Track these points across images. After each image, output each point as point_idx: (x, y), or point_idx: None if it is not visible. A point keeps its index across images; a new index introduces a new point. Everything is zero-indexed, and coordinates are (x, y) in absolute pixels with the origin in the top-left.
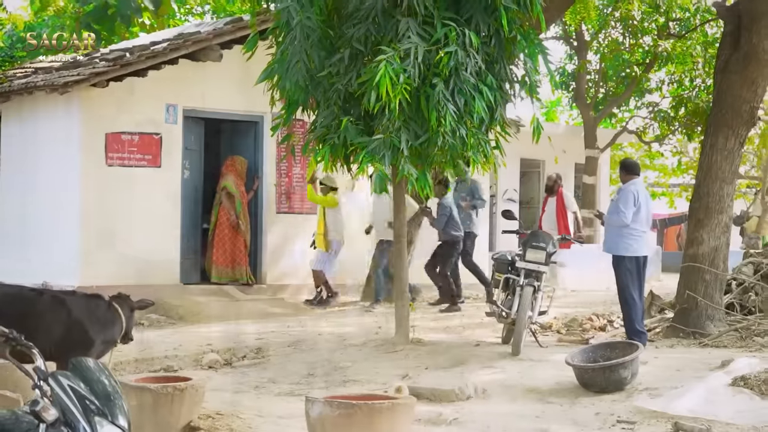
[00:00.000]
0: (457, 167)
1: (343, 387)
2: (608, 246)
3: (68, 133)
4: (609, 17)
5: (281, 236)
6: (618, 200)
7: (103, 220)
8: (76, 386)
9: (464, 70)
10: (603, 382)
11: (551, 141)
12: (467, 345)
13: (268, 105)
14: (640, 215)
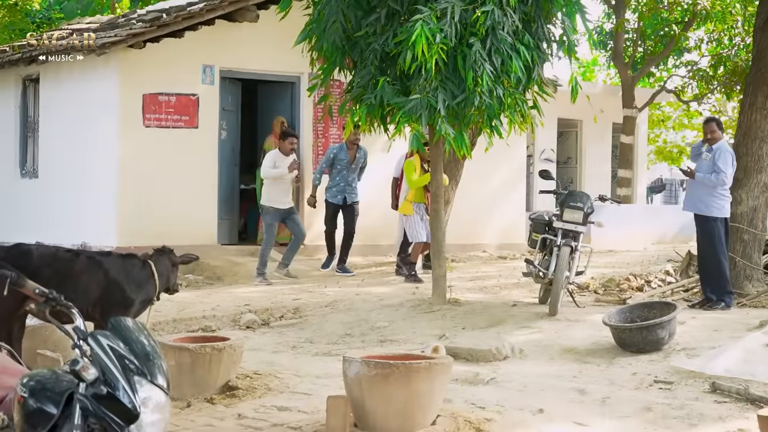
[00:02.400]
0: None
1: (380, 347)
2: (697, 206)
3: (106, 95)
4: None
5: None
6: (717, 159)
7: (140, 182)
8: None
9: (501, 29)
10: (640, 342)
11: (589, 100)
12: (504, 305)
13: (304, 65)
14: (732, 176)
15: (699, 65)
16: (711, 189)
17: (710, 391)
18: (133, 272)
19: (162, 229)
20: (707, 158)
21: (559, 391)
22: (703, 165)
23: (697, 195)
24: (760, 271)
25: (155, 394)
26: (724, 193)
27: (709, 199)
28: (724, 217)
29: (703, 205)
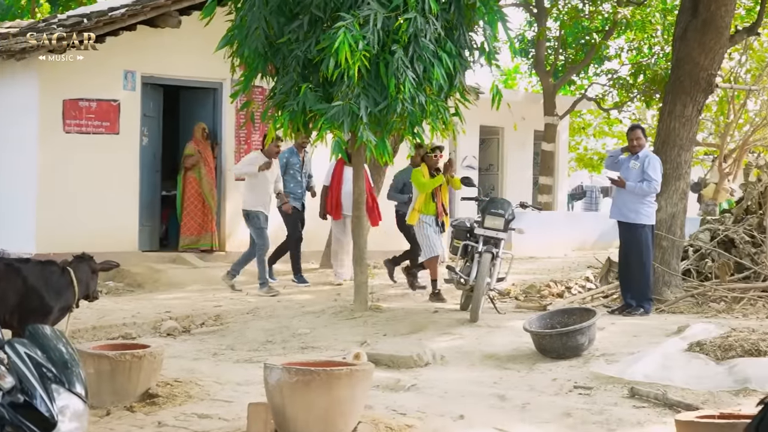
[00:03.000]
0: (416, 134)
1: (301, 353)
2: (625, 214)
3: (25, 100)
4: None
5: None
6: (647, 167)
7: (61, 188)
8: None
9: (423, 36)
10: (560, 348)
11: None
12: (426, 312)
13: (227, 71)
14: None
15: (619, 74)
16: (640, 197)
17: (629, 396)
18: (52, 279)
19: (82, 235)
20: (635, 167)
21: (479, 397)
22: (631, 173)
23: (625, 203)
24: (678, 277)
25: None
26: (652, 201)
27: (638, 207)
28: (651, 225)
29: (631, 213)
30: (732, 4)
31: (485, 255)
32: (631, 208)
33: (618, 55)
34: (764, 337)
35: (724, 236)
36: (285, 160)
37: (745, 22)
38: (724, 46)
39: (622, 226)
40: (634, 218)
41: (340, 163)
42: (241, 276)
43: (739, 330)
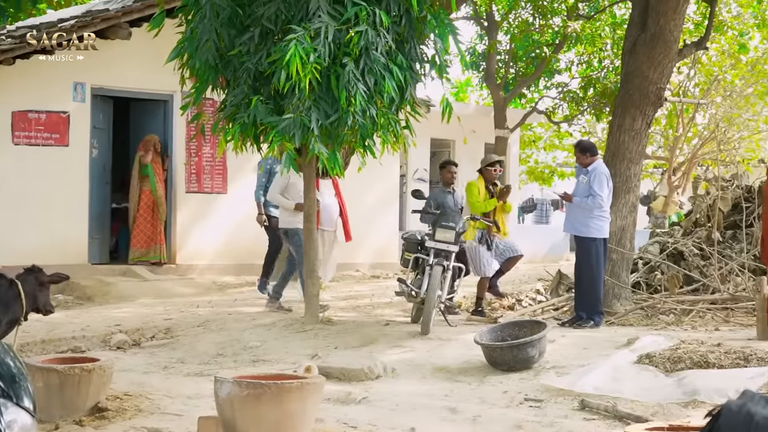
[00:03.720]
0: (367, 147)
1: (252, 367)
2: (576, 227)
3: None
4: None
5: (191, 216)
6: (592, 182)
7: (10, 200)
8: None
9: (374, 49)
10: (511, 360)
11: (461, 121)
12: (377, 324)
13: (177, 84)
14: (610, 196)
15: (569, 87)
16: (588, 211)
17: (579, 408)
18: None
19: (31, 247)
20: (584, 181)
21: (430, 409)
22: (579, 188)
23: (576, 217)
24: (628, 289)
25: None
26: (603, 214)
27: (587, 221)
28: (603, 238)
29: (581, 226)
30: (680, 18)
31: (436, 268)
32: (580, 221)
33: (568, 68)
34: (713, 350)
35: (674, 249)
36: (269, 167)
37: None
38: (672, 60)
39: (575, 239)
40: (584, 232)
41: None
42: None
43: (688, 342)
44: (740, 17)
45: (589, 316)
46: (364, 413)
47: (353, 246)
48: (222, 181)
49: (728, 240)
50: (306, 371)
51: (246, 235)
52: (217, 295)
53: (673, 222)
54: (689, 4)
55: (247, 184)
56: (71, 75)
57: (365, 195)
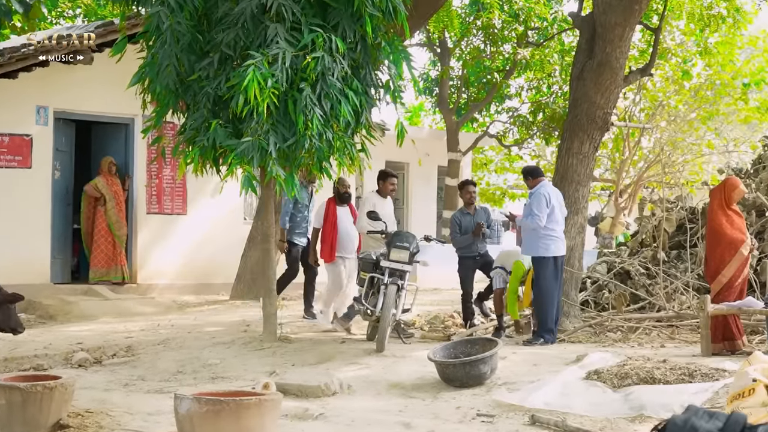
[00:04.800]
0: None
1: (211, 384)
2: (527, 248)
3: None
4: (471, 25)
5: (151, 237)
6: (531, 204)
7: None
8: None
9: (331, 75)
10: (463, 377)
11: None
12: (333, 342)
13: (138, 107)
14: (555, 216)
15: (519, 111)
16: (535, 231)
17: (530, 423)
18: None
19: None
20: (528, 202)
21: (385, 425)
22: (524, 210)
23: (527, 239)
24: (576, 307)
25: None
26: (550, 234)
27: (536, 241)
28: (553, 257)
29: (530, 247)
30: (626, 46)
31: (391, 287)
32: (531, 242)
33: (518, 93)
34: (658, 366)
35: (621, 268)
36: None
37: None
38: (618, 86)
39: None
40: (534, 251)
41: (332, 204)
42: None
43: (635, 359)
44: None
45: (539, 333)
46: (321, 429)
47: None
48: (182, 202)
49: (673, 260)
50: (264, 388)
51: (205, 255)
52: (177, 314)
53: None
54: (634, 32)
55: (207, 206)
56: (34, 98)
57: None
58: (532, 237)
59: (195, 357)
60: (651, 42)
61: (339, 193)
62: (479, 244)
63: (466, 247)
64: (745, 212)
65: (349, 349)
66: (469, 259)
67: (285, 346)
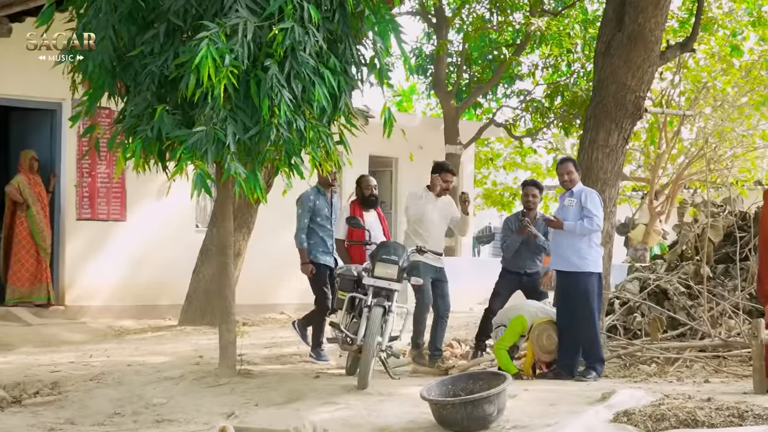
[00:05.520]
0: (293, 166)
1: (156, 428)
2: (570, 260)
3: None
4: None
5: (83, 248)
6: (585, 202)
7: None
8: None
9: (302, 50)
10: (464, 419)
11: (405, 135)
12: (305, 377)
13: (67, 90)
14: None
15: (533, 95)
16: (584, 239)
17: None
18: None
19: None
20: (571, 204)
21: None
22: (569, 212)
23: (568, 248)
24: (603, 334)
25: None
26: (598, 244)
27: (582, 251)
28: (599, 273)
29: (576, 258)
30: (663, 15)
31: (375, 309)
32: (574, 253)
33: (531, 73)
34: (702, 405)
35: (656, 287)
36: (311, 204)
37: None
38: (653, 64)
39: (563, 276)
40: (579, 265)
41: (356, 209)
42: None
43: (673, 397)
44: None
45: (590, 365)
46: None
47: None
48: (120, 206)
49: (719, 276)
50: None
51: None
52: (114, 343)
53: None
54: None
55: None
56: None
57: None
58: (579, 246)
59: (136, 395)
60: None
61: (363, 195)
62: (528, 261)
63: (512, 260)
64: None
65: (323, 385)
66: (512, 274)
67: (246, 382)
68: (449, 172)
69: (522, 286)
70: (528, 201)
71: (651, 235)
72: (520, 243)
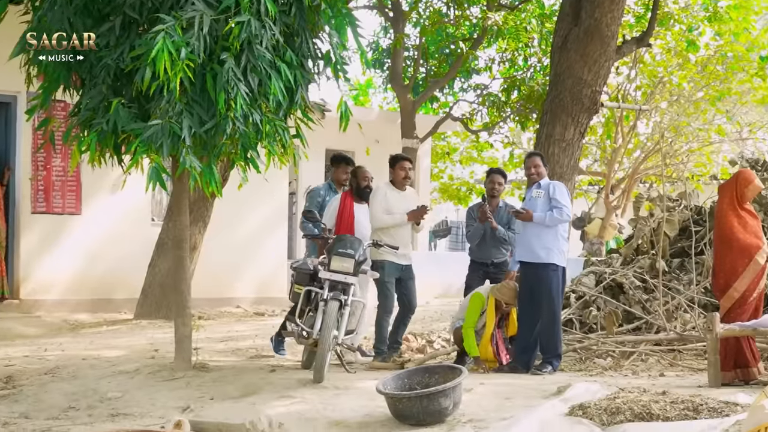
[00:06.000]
0: (249, 159)
1: (111, 422)
2: (535, 253)
3: None
4: None
5: (37, 242)
6: (554, 193)
7: None
8: None
9: (259, 43)
10: (420, 413)
11: (362, 129)
12: (261, 371)
13: (22, 83)
14: None
15: (489, 89)
16: (552, 231)
17: None
18: None
19: None
20: (539, 195)
21: None
22: (537, 204)
23: (534, 240)
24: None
25: None
26: (565, 238)
27: (552, 243)
28: (563, 267)
29: (541, 250)
30: (619, 10)
31: (332, 303)
32: (541, 245)
33: (488, 67)
34: (657, 399)
35: (612, 281)
36: (321, 200)
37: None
38: (610, 59)
39: (528, 269)
40: (545, 257)
41: (347, 200)
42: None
43: (628, 390)
44: (688, 9)
45: (546, 359)
46: None
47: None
48: (75, 199)
49: (675, 270)
50: (176, 427)
51: (104, 264)
52: (69, 337)
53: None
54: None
55: (106, 204)
56: None
57: (247, 217)
58: (546, 238)
59: (91, 389)
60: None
61: (358, 187)
62: (493, 250)
63: (478, 250)
64: (761, 212)
65: (280, 379)
66: (479, 265)
67: (202, 376)
68: (406, 160)
69: (489, 276)
70: (493, 188)
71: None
72: (483, 232)
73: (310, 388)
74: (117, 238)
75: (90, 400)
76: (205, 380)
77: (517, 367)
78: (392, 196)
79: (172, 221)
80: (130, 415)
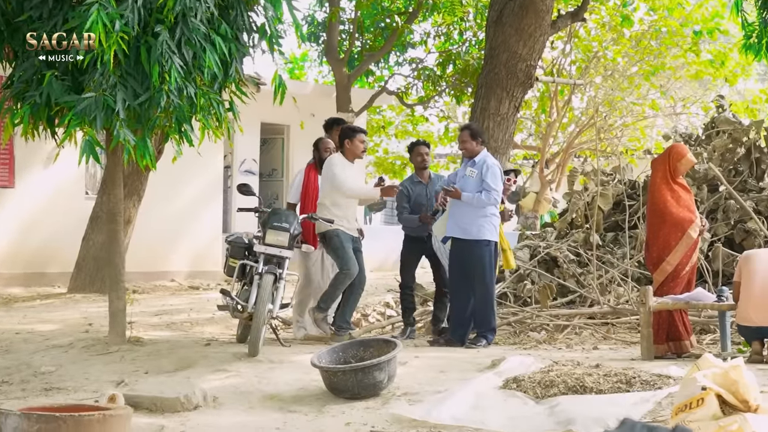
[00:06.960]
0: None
1: (44, 396)
2: (465, 229)
3: None
4: None
5: None
6: (485, 175)
7: None
8: None
9: (193, 16)
10: (354, 386)
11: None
12: (196, 345)
13: None
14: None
15: (425, 63)
16: (481, 210)
17: None
18: None
19: None
20: (472, 174)
21: None
22: (468, 182)
23: (464, 216)
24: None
25: None
26: (496, 213)
27: (480, 220)
28: (495, 241)
29: (472, 227)
30: None
31: (266, 277)
32: (471, 222)
33: (424, 41)
34: (590, 372)
35: (546, 254)
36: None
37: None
38: (545, 33)
39: (459, 244)
40: (475, 234)
41: (311, 173)
42: None
43: (562, 363)
44: None
45: (481, 333)
46: None
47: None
48: (8, 172)
49: (609, 244)
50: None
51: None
52: (1, 311)
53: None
54: None
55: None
56: None
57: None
58: (475, 215)
59: (24, 363)
60: None
61: (321, 159)
62: (426, 226)
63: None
64: (694, 187)
65: (214, 353)
66: (415, 240)
67: (136, 350)
68: (363, 132)
69: (426, 251)
70: (423, 160)
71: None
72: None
73: (245, 362)
74: (51, 211)
75: (23, 375)
76: (140, 354)
77: (452, 341)
78: (349, 167)
79: (106, 195)
80: (63, 389)
